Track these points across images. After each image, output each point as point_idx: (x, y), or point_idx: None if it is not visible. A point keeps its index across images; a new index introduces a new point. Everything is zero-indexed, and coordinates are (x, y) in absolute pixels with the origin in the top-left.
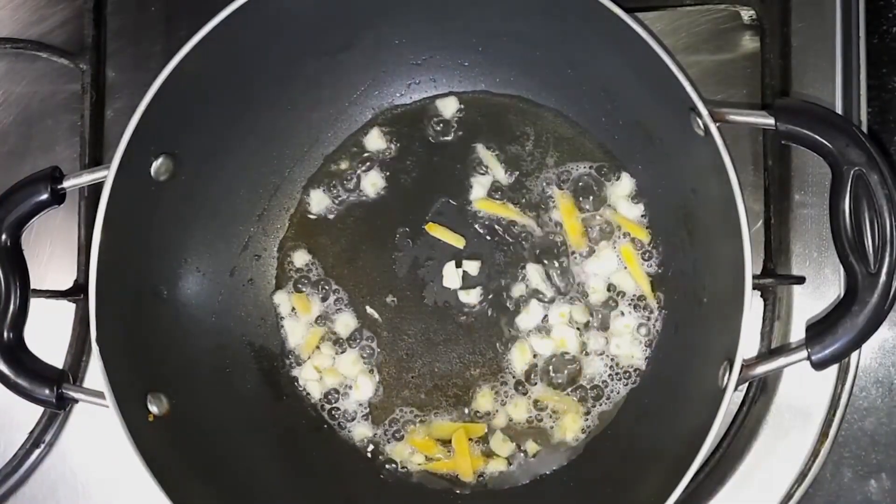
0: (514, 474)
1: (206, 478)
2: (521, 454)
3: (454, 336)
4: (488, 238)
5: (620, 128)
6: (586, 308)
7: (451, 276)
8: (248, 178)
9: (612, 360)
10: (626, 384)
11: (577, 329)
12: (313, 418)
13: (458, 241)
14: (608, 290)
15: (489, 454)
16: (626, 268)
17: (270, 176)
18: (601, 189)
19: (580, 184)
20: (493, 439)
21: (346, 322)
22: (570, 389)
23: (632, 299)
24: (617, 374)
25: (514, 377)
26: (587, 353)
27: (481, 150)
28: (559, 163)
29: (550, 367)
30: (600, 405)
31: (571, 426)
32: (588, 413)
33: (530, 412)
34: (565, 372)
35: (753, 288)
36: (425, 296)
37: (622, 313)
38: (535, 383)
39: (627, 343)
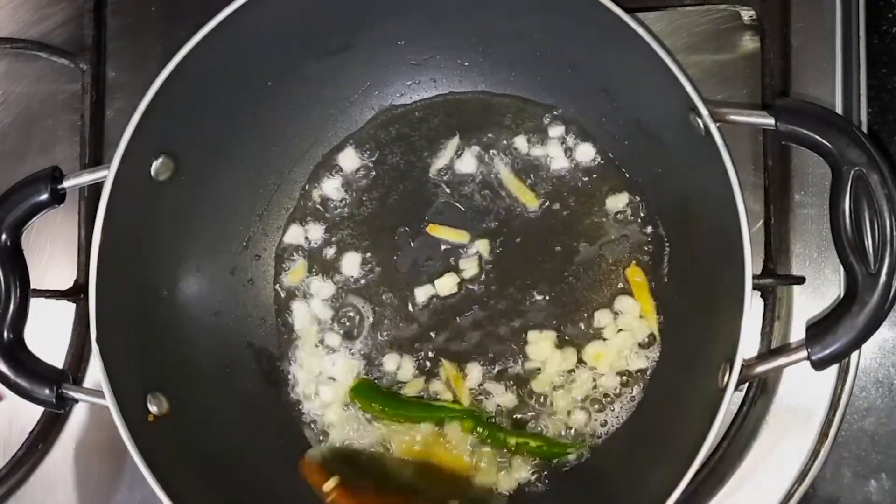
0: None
1: (206, 478)
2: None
3: (454, 338)
4: (486, 236)
5: (620, 128)
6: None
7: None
8: (248, 178)
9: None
10: (627, 385)
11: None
12: (313, 418)
13: (461, 237)
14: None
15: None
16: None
17: (270, 176)
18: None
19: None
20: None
21: (345, 321)
22: (569, 392)
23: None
24: (616, 374)
25: (514, 379)
26: (587, 357)
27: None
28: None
29: (550, 370)
30: (601, 406)
31: (572, 427)
32: (589, 414)
33: (532, 411)
34: (566, 375)
35: (753, 288)
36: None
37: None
38: (535, 385)
39: (628, 345)
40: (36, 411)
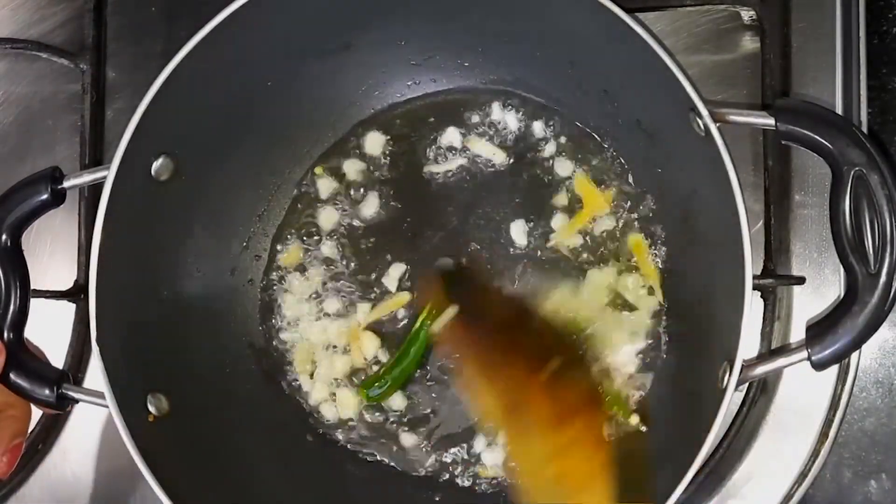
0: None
1: (206, 478)
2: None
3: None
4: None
5: (620, 128)
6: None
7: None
8: (248, 178)
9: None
10: (626, 385)
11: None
12: (314, 419)
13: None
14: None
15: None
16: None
17: (270, 176)
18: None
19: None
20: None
21: (342, 319)
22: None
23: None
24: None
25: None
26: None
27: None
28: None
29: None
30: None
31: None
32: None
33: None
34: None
35: (753, 288)
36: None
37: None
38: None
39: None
40: (36, 411)
